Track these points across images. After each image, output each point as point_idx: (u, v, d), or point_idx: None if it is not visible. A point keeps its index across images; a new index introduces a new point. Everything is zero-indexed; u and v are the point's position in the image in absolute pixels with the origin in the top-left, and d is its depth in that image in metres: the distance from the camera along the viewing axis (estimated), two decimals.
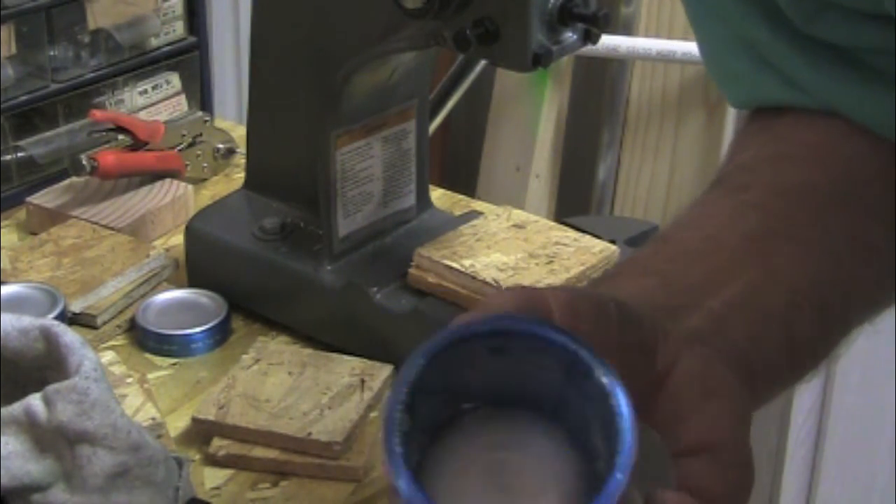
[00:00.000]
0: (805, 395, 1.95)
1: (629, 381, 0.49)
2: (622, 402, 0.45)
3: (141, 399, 0.90)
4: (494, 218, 1.02)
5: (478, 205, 1.16)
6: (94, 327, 1.00)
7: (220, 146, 1.23)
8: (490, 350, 0.47)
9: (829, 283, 0.60)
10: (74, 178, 1.15)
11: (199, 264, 1.04)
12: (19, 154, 1.20)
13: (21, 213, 1.16)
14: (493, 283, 0.92)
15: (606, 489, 0.44)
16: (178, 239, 1.10)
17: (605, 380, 0.46)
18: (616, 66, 2.11)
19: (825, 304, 0.60)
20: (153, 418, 0.88)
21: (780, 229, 0.61)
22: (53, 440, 0.72)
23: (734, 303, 0.57)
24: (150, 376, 0.95)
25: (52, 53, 1.20)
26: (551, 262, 0.96)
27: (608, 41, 1.95)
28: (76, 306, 1.00)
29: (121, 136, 1.17)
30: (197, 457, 0.87)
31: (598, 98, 2.16)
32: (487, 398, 0.49)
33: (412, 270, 0.95)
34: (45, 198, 1.15)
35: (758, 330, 0.57)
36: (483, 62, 1.57)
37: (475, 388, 0.49)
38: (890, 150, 0.63)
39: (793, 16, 0.63)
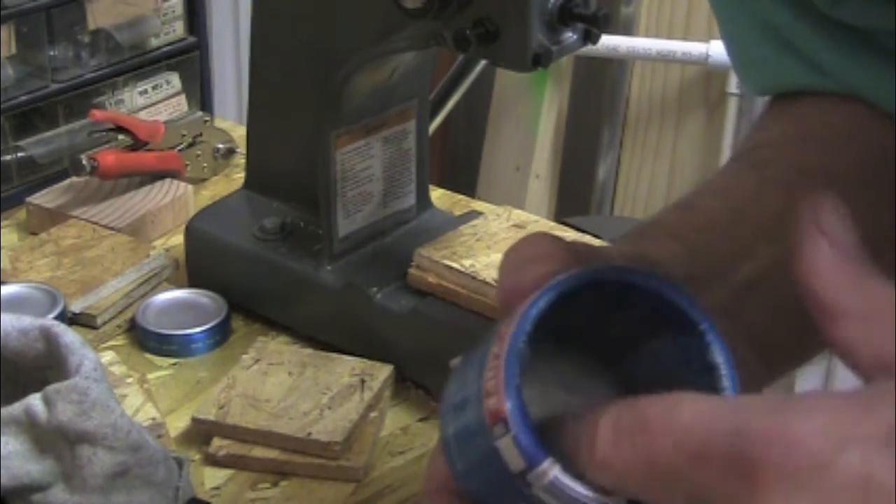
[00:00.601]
0: None
1: None
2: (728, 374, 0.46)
3: (141, 399, 0.90)
4: (494, 218, 1.02)
5: (478, 205, 1.16)
6: (94, 327, 1.00)
7: (220, 146, 1.23)
8: (600, 298, 0.47)
9: None
10: (74, 178, 1.15)
11: (199, 264, 1.04)
12: (19, 154, 1.20)
13: (21, 213, 1.16)
14: (492, 283, 0.92)
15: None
16: (178, 239, 1.10)
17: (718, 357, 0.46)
18: (616, 66, 2.11)
19: None
20: (153, 418, 0.88)
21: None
22: (53, 440, 0.72)
23: (756, 279, 0.57)
24: (150, 376, 0.95)
25: (52, 53, 1.20)
26: None
27: (608, 41, 1.95)
28: (76, 306, 1.00)
29: (121, 136, 1.17)
30: (197, 457, 0.87)
31: (598, 98, 2.16)
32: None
33: (412, 270, 0.95)
34: (45, 198, 1.15)
35: (776, 309, 0.57)
36: (483, 62, 1.57)
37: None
38: None
39: (817, 1, 0.63)
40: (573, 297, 0.46)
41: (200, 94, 1.32)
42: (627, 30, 2.07)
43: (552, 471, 0.42)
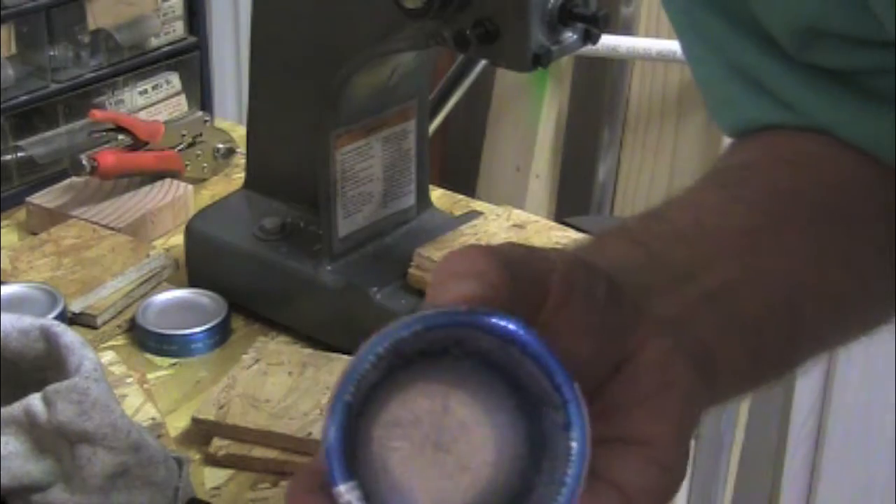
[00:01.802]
0: (805, 395, 1.95)
1: (596, 362, 0.49)
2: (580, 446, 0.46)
3: (141, 399, 0.90)
4: (494, 218, 1.02)
5: (478, 205, 1.16)
6: (94, 327, 1.00)
7: (220, 146, 1.23)
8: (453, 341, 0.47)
9: (808, 295, 0.60)
10: (74, 178, 1.15)
11: (199, 264, 1.04)
12: (19, 154, 1.20)
13: (21, 213, 1.16)
14: None
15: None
16: (178, 239, 1.10)
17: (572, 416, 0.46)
18: (616, 66, 2.11)
19: (800, 316, 0.59)
20: (153, 418, 0.88)
21: (768, 231, 0.60)
22: (53, 440, 0.72)
23: (713, 294, 0.56)
24: (150, 376, 0.95)
25: (52, 53, 1.20)
26: None
27: (608, 41, 1.95)
28: (76, 306, 1.00)
29: (121, 136, 1.17)
30: (197, 457, 0.87)
31: (598, 98, 2.16)
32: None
33: (412, 270, 0.95)
34: (45, 198, 1.15)
35: (727, 329, 0.56)
36: (483, 62, 1.57)
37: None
38: (883, 173, 0.63)
39: (786, 45, 0.63)
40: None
41: (200, 94, 1.32)
42: (627, 30, 2.07)
43: (348, 495, 0.45)
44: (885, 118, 0.62)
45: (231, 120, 1.44)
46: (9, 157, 1.19)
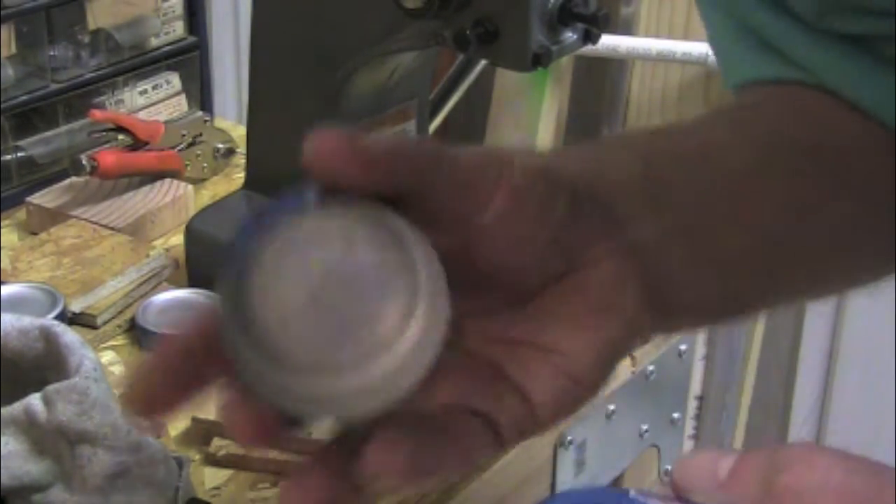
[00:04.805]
0: (805, 396, 1.95)
1: (536, 271, 0.50)
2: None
3: None
4: None
5: None
6: (94, 327, 1.00)
7: (220, 146, 1.23)
8: None
9: (785, 244, 0.59)
10: (74, 178, 1.15)
11: (199, 264, 1.04)
12: (19, 154, 1.20)
13: (21, 213, 1.16)
14: None
15: None
16: (178, 239, 1.10)
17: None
18: (616, 66, 2.11)
19: (776, 265, 0.59)
20: None
21: (764, 178, 0.60)
22: (53, 440, 0.72)
23: (688, 228, 0.56)
24: None
25: (52, 53, 1.20)
26: None
27: (608, 41, 1.95)
28: (76, 306, 1.00)
29: (121, 136, 1.17)
30: (197, 457, 0.87)
31: (598, 98, 2.16)
32: None
33: None
34: (45, 198, 1.15)
35: (697, 264, 0.56)
36: (483, 62, 1.57)
37: None
38: (886, 138, 0.63)
39: (802, 13, 0.63)
40: None
41: (200, 94, 1.32)
42: (627, 30, 2.07)
43: None
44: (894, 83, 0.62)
45: (231, 120, 1.44)
46: (9, 157, 1.19)
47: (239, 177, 1.14)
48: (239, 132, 1.21)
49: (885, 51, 0.63)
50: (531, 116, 2.12)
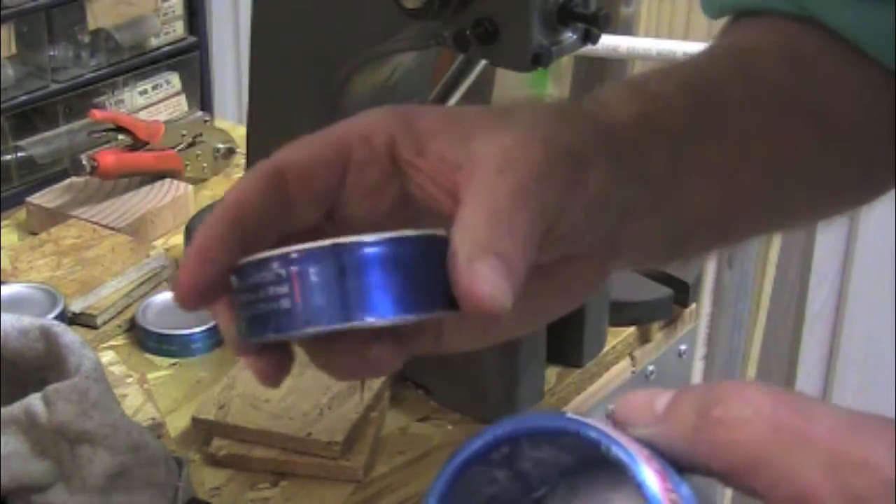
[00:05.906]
0: None
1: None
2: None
3: (141, 399, 0.90)
4: None
5: None
6: (94, 327, 1.00)
7: (220, 146, 1.23)
8: (502, 459, 0.42)
9: (771, 203, 0.61)
10: (74, 178, 1.15)
11: None
12: (19, 154, 1.20)
13: (21, 213, 1.16)
14: None
15: None
16: (178, 239, 1.10)
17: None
18: (616, 66, 2.11)
19: (736, 217, 0.61)
20: (153, 418, 0.88)
21: (768, 140, 0.61)
22: (53, 440, 0.72)
23: (682, 178, 0.57)
24: (150, 376, 0.95)
25: (52, 53, 1.20)
26: None
27: (608, 41, 1.95)
28: (76, 306, 1.00)
29: (121, 136, 1.17)
30: (197, 457, 0.87)
31: None
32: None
33: None
34: (45, 198, 1.15)
35: (675, 219, 0.57)
36: (483, 62, 1.56)
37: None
38: (875, 75, 0.63)
39: None
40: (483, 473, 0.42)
41: (200, 94, 1.32)
42: (627, 30, 2.07)
43: None
44: (885, 19, 0.62)
45: (231, 120, 1.44)
46: (9, 157, 1.19)
47: (239, 177, 1.14)
48: (239, 132, 1.21)
49: None
50: None
